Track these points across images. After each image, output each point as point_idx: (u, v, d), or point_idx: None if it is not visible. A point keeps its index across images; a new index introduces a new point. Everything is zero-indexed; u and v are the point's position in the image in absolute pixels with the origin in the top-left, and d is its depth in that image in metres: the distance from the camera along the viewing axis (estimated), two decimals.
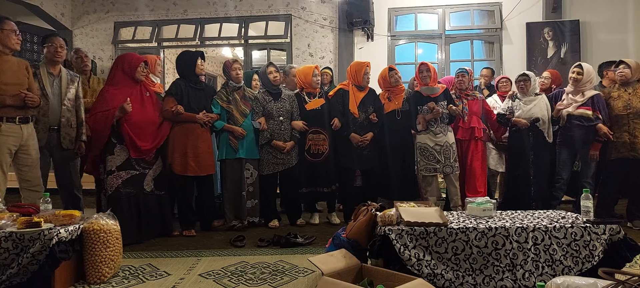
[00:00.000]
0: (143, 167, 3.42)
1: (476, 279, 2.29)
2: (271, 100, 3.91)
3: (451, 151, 3.92)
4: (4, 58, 2.98)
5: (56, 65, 3.42)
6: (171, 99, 3.56)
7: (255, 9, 6.86)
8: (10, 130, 2.97)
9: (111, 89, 3.38)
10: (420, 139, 3.97)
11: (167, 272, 2.66)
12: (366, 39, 6.54)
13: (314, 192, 3.96)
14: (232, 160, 3.78)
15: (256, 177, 3.88)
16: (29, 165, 3.09)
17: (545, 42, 6.09)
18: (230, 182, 3.79)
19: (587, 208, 2.46)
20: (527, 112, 3.87)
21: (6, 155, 2.97)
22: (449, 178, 3.97)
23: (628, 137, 3.65)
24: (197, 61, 3.66)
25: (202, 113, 3.60)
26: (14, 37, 2.99)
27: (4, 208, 2.61)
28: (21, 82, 3.02)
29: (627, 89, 3.73)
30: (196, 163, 3.57)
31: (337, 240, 2.57)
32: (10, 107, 2.94)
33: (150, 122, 3.44)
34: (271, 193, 4.00)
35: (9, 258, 2.27)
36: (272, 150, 3.86)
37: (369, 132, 3.92)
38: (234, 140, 3.75)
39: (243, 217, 3.80)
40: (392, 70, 4.09)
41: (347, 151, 3.92)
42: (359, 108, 3.93)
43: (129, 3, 7.12)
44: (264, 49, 7.13)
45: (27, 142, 3.07)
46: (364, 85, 3.98)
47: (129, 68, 3.41)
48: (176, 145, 3.55)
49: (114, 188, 3.29)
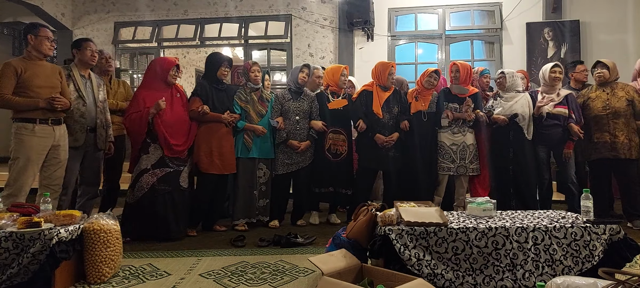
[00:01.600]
0: (177, 164, 3.48)
1: (476, 279, 2.29)
2: (290, 99, 3.94)
3: (468, 152, 3.89)
4: (38, 63, 3.17)
5: (87, 68, 3.55)
6: (197, 100, 3.63)
7: (256, 9, 6.87)
8: (43, 132, 3.12)
9: (144, 92, 3.48)
10: (441, 137, 3.94)
11: (168, 272, 2.66)
12: (366, 39, 6.54)
13: (335, 192, 3.96)
14: (245, 159, 3.82)
15: (269, 176, 3.92)
16: (55, 165, 3.22)
17: (545, 42, 6.09)
18: (243, 180, 3.82)
19: (587, 209, 2.46)
20: (508, 108, 3.85)
21: (39, 155, 3.11)
22: (460, 180, 3.94)
23: (609, 137, 3.66)
24: (221, 66, 3.73)
25: (227, 113, 3.68)
26: (47, 43, 3.17)
27: (4, 208, 2.61)
28: (54, 85, 3.19)
29: (606, 89, 3.74)
30: (221, 162, 3.65)
31: (338, 240, 2.58)
32: (43, 109, 3.10)
33: (182, 121, 3.54)
34: (284, 193, 4.01)
35: (9, 258, 2.27)
36: (287, 150, 3.88)
37: (394, 132, 3.88)
38: (248, 140, 3.80)
39: (253, 215, 3.85)
40: (435, 72, 4.00)
41: (370, 152, 3.88)
42: (383, 108, 3.89)
43: (129, 3, 7.13)
44: (264, 49, 7.14)
45: (59, 142, 3.21)
46: (388, 86, 3.94)
47: (162, 71, 3.52)
48: (201, 144, 3.63)
49: (150, 185, 3.36)
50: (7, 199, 2.98)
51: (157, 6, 7.08)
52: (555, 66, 3.88)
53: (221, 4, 6.95)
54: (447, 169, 3.91)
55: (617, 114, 3.64)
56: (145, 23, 7.10)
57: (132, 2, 7.11)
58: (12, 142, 3.10)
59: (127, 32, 7.20)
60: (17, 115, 3.10)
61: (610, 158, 3.66)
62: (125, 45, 7.20)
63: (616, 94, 3.69)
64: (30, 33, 3.13)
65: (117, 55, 7.05)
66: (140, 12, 7.09)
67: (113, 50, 7.06)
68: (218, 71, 3.73)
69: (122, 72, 7.19)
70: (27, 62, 3.12)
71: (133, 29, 7.18)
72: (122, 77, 7.04)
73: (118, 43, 7.12)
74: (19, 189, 3.06)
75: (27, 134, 3.07)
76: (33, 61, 3.15)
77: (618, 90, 3.71)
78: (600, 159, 3.71)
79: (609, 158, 3.66)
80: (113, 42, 7.10)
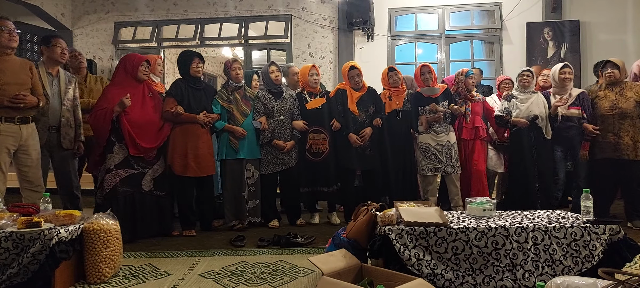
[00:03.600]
0: (142, 166, 3.42)
1: (476, 279, 2.29)
2: (272, 99, 3.91)
3: (453, 151, 3.94)
4: (4, 58, 2.97)
5: (56, 65, 3.44)
6: (171, 100, 3.57)
7: (255, 9, 6.86)
8: (9, 130, 2.98)
9: (113, 88, 3.40)
10: (422, 138, 3.98)
11: (167, 272, 2.66)
12: (366, 39, 6.54)
13: (314, 191, 3.96)
14: (232, 161, 3.78)
15: (257, 177, 3.87)
16: (29, 166, 3.10)
17: (545, 42, 6.09)
18: (230, 182, 3.79)
19: (587, 208, 2.46)
20: (525, 110, 3.87)
21: (5, 155, 2.98)
22: (449, 178, 3.98)
23: (613, 138, 3.65)
24: (192, 62, 3.64)
25: (203, 113, 3.60)
26: (5, 35, 2.94)
27: (4, 208, 2.61)
28: (23, 82, 3.02)
29: (614, 89, 3.74)
30: (196, 164, 3.57)
31: (337, 240, 2.58)
32: (9, 107, 2.94)
33: (151, 121, 3.45)
34: (271, 193, 3.99)
35: (9, 258, 2.27)
36: (273, 150, 3.86)
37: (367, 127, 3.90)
38: (234, 141, 3.75)
39: (243, 217, 3.79)
40: (392, 70, 4.08)
41: (347, 151, 3.92)
42: (358, 106, 3.92)
43: (129, 3, 7.13)
44: (264, 49, 7.14)
45: (27, 142, 3.07)
46: (356, 87, 3.96)
47: (131, 67, 3.43)
48: (176, 145, 3.55)
49: (112, 186, 3.29)
50: None
51: (157, 6, 7.08)
52: (564, 67, 3.89)
53: (221, 4, 6.95)
54: (435, 170, 3.95)
55: (624, 115, 3.64)
56: (145, 23, 7.10)
57: (132, 2, 7.11)
58: None
59: (127, 32, 7.20)
60: None
61: (614, 159, 3.65)
62: (125, 45, 7.20)
63: (624, 95, 3.68)
64: None
65: (117, 56, 7.05)
66: (140, 12, 7.09)
67: (113, 50, 7.06)
68: (190, 68, 3.64)
69: None
70: None
71: (133, 29, 7.17)
72: None
73: (118, 43, 7.12)
74: None
75: None
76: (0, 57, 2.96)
77: (627, 90, 3.69)
78: (604, 159, 3.70)
79: (613, 159, 3.66)
80: (113, 42, 7.09)
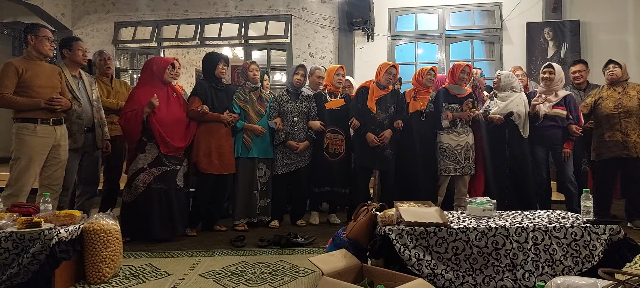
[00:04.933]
0: (173, 163, 3.47)
1: (476, 279, 2.29)
2: (289, 101, 3.95)
3: (471, 152, 3.93)
4: (38, 63, 3.17)
5: (78, 68, 3.53)
6: (197, 99, 3.63)
7: (256, 9, 6.87)
8: (44, 132, 3.12)
9: (140, 91, 3.46)
10: (442, 138, 3.95)
11: (168, 272, 2.66)
12: (366, 39, 6.54)
13: (332, 192, 3.97)
14: (245, 159, 3.83)
15: (269, 176, 3.92)
16: (55, 165, 3.22)
17: (545, 42, 6.09)
18: (242, 180, 3.83)
19: (587, 209, 2.46)
20: (503, 108, 3.86)
21: (40, 155, 3.11)
22: (462, 179, 3.95)
23: (621, 136, 3.66)
24: (219, 64, 3.73)
25: (226, 113, 3.67)
26: (48, 44, 3.17)
27: (4, 208, 2.61)
28: (55, 85, 3.20)
29: (617, 88, 3.75)
30: (220, 162, 3.64)
31: (338, 240, 2.58)
32: (45, 109, 3.10)
33: (178, 120, 3.52)
34: (283, 193, 4.01)
35: (9, 258, 2.27)
36: (286, 150, 3.89)
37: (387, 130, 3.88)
38: (248, 139, 3.80)
39: (254, 215, 3.85)
40: (431, 72, 3.97)
41: (365, 151, 3.89)
42: (377, 105, 3.88)
43: (129, 3, 7.13)
44: (264, 49, 7.13)
45: (59, 142, 3.22)
46: (384, 85, 3.94)
47: (158, 70, 3.49)
48: (201, 144, 3.61)
49: (147, 184, 3.34)
50: (8, 199, 2.97)
51: (157, 6, 7.08)
52: (545, 66, 3.93)
53: (221, 4, 6.95)
54: (453, 170, 3.92)
55: (629, 113, 3.65)
56: (145, 23, 7.10)
57: (132, 2, 7.11)
58: (13, 142, 3.10)
59: (127, 32, 7.20)
60: (18, 115, 3.10)
61: (622, 158, 3.65)
62: (125, 45, 7.20)
63: (628, 94, 3.69)
64: (30, 33, 3.13)
65: (117, 55, 7.05)
66: (140, 12, 7.09)
67: (113, 50, 7.06)
68: (216, 70, 3.72)
69: (122, 72, 7.18)
70: (28, 62, 3.12)
71: (133, 29, 7.17)
72: (122, 77, 7.04)
73: (118, 43, 7.12)
74: (20, 189, 3.05)
75: (29, 134, 3.07)
76: (33, 61, 3.15)
77: (629, 89, 3.71)
78: (611, 158, 3.70)
79: (621, 158, 3.66)
80: (113, 42, 7.09)
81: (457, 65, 4.02)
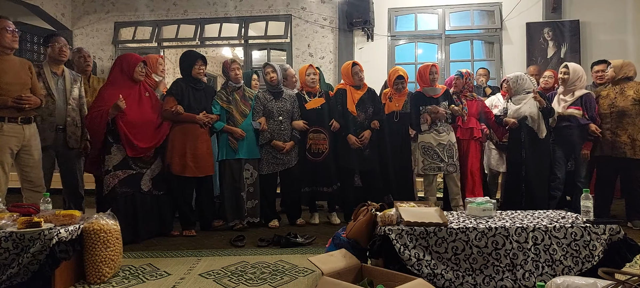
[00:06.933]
0: (140, 166, 3.41)
1: (476, 279, 2.29)
2: (272, 100, 3.91)
3: (454, 150, 3.97)
4: (4, 58, 2.96)
5: (59, 64, 3.43)
6: (171, 99, 3.56)
7: (255, 9, 6.86)
8: (12, 131, 2.97)
9: (109, 89, 3.38)
10: (423, 138, 3.99)
11: (167, 272, 2.66)
12: (366, 39, 6.54)
13: (314, 191, 3.97)
14: (231, 161, 3.78)
15: (256, 177, 3.88)
16: (31, 166, 3.10)
17: (545, 42, 6.09)
18: (229, 183, 3.79)
19: (587, 208, 2.45)
20: (516, 111, 3.87)
21: (7, 155, 2.97)
22: (451, 178, 3.99)
23: (610, 135, 3.69)
24: (195, 64, 3.65)
25: (202, 113, 3.60)
26: (8, 35, 2.93)
27: (4, 208, 2.61)
28: (24, 82, 3.01)
29: (616, 88, 3.76)
30: (195, 164, 3.56)
31: (337, 240, 2.58)
32: (12, 108, 2.93)
33: (148, 121, 3.43)
34: (271, 193, 3.99)
35: (9, 258, 2.27)
36: (272, 150, 3.86)
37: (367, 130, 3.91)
38: (234, 141, 3.75)
39: (243, 217, 3.80)
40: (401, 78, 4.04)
41: (347, 151, 3.92)
42: (357, 107, 3.93)
43: (129, 3, 7.13)
44: (264, 49, 7.14)
45: (30, 142, 3.07)
46: (358, 84, 3.98)
47: (128, 68, 3.41)
48: (175, 145, 3.55)
49: (111, 187, 3.29)
50: None
51: (157, 6, 7.08)
52: (562, 67, 3.93)
53: (221, 4, 6.95)
54: (438, 169, 3.96)
55: (622, 113, 3.65)
56: (145, 23, 7.09)
57: (132, 2, 7.11)
58: None
59: (127, 32, 7.20)
60: None
61: (612, 157, 3.67)
62: (125, 45, 7.19)
63: (624, 93, 3.69)
64: None
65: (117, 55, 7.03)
66: (140, 12, 7.09)
67: (113, 50, 7.06)
68: (192, 70, 3.64)
69: None
70: None
71: (133, 29, 7.17)
72: None
73: (118, 43, 7.12)
74: None
75: None
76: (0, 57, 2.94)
77: (627, 89, 3.70)
78: (604, 157, 3.73)
79: (611, 157, 3.67)
80: (113, 42, 7.10)
81: (424, 67, 4.08)
